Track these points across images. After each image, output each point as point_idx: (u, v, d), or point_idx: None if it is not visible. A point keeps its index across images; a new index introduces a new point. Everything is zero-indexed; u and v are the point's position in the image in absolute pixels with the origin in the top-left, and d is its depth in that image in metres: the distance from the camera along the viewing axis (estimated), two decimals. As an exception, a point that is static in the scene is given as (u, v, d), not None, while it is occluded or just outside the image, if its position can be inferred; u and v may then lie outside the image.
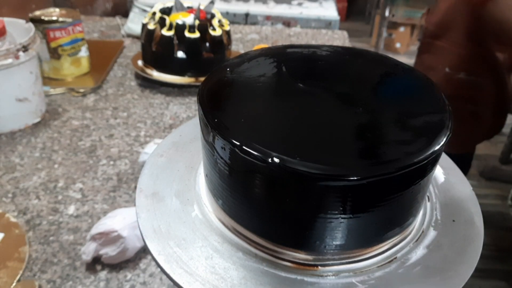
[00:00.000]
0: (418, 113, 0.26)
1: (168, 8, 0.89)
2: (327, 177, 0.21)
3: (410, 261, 0.25)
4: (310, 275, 0.24)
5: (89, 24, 1.16)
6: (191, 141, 0.34)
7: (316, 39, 1.18)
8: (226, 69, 0.29)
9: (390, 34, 2.82)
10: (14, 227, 0.53)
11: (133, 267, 0.49)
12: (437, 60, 0.97)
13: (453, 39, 0.93)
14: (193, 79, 0.86)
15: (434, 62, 0.98)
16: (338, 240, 0.24)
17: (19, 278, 0.47)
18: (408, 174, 0.22)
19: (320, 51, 0.33)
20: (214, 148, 0.24)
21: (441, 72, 0.96)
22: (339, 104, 0.27)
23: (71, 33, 0.84)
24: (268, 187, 0.23)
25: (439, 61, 0.97)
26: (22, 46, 0.67)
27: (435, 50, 0.98)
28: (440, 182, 0.31)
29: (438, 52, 0.97)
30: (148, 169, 0.31)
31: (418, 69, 0.30)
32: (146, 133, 0.74)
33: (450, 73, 0.95)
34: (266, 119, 0.26)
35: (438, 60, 0.97)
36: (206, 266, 0.24)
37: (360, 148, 0.23)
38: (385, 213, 0.24)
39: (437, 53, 0.98)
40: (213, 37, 0.84)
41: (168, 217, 0.28)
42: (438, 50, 0.97)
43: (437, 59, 0.97)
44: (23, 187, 0.60)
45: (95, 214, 0.56)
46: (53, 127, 0.74)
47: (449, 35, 0.93)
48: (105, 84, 0.88)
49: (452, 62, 0.94)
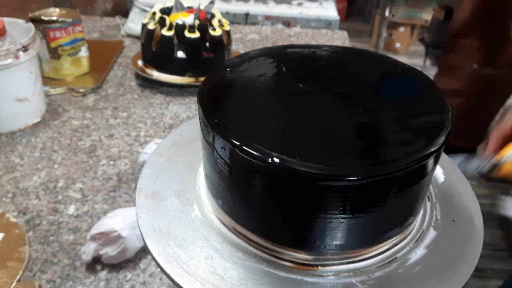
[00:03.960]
0: (418, 113, 0.26)
1: (168, 8, 0.89)
2: (327, 177, 0.21)
3: (410, 261, 0.25)
4: (310, 275, 0.24)
5: (89, 24, 1.16)
6: (191, 141, 0.34)
7: (316, 39, 1.18)
8: (226, 69, 0.29)
9: (390, 34, 2.82)
10: (14, 227, 0.53)
11: (133, 267, 0.49)
12: (464, 58, 1.00)
13: (480, 36, 0.95)
14: (193, 79, 0.86)
15: (460, 60, 1.01)
16: (338, 240, 0.24)
17: (19, 278, 0.47)
18: (408, 174, 0.22)
19: (320, 51, 0.33)
20: (214, 148, 0.24)
21: (468, 69, 0.99)
22: (339, 104, 0.27)
23: (71, 33, 0.84)
24: (268, 187, 0.23)
25: (466, 59, 0.99)
26: (22, 46, 0.67)
27: (462, 49, 1.00)
28: (440, 182, 0.31)
29: (465, 50, 0.99)
30: (148, 169, 0.31)
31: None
32: (146, 133, 0.74)
33: (477, 69, 0.97)
34: (266, 119, 0.26)
35: (465, 57, 1.00)
36: (206, 266, 0.24)
37: (360, 148, 0.24)
38: (385, 213, 0.24)
39: (464, 51, 1.00)
40: (213, 37, 0.84)
41: (168, 217, 0.28)
42: (465, 48, 0.99)
43: (464, 57, 1.00)
44: (23, 187, 0.60)
45: (95, 214, 0.56)
46: (53, 127, 0.74)
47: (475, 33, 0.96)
48: (105, 84, 0.88)
49: (479, 58, 0.97)
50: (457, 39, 1.01)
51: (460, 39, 0.99)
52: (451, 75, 1.02)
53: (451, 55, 1.04)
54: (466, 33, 0.97)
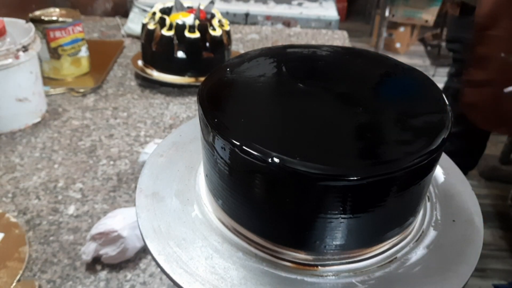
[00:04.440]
0: (418, 113, 0.26)
1: (168, 8, 0.89)
2: (327, 177, 0.21)
3: (410, 261, 0.25)
4: (310, 275, 0.24)
5: (89, 24, 1.16)
6: (191, 141, 0.34)
7: (316, 39, 1.18)
8: (226, 69, 0.29)
9: (390, 34, 2.82)
10: (14, 227, 0.53)
11: (133, 267, 0.49)
12: (491, 49, 1.03)
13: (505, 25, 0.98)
14: (193, 79, 0.86)
15: (488, 51, 1.04)
16: (338, 240, 0.24)
17: (19, 278, 0.47)
18: (408, 174, 0.22)
19: (320, 51, 0.33)
20: (214, 148, 0.24)
21: (497, 58, 1.01)
22: (339, 104, 0.27)
23: (71, 33, 0.84)
24: (268, 187, 0.23)
25: (493, 49, 1.02)
26: (22, 46, 0.67)
27: (488, 40, 1.03)
28: (440, 182, 0.31)
29: (492, 41, 1.02)
30: (148, 169, 0.31)
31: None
32: (146, 133, 0.74)
33: (505, 58, 0.99)
34: (266, 119, 0.26)
35: (491, 48, 1.02)
36: (206, 266, 0.24)
37: (360, 148, 0.23)
38: (385, 213, 0.24)
39: (490, 43, 1.03)
40: (213, 37, 0.84)
41: (168, 217, 0.28)
42: (490, 40, 1.02)
43: (491, 47, 1.03)
44: (23, 187, 0.60)
45: (95, 214, 0.56)
46: (53, 127, 0.74)
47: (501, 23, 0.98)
48: (105, 84, 0.88)
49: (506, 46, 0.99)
50: (482, 31, 1.04)
51: (486, 31, 1.03)
52: (480, 67, 1.05)
53: (478, 48, 1.08)
54: (491, 25, 1.01)
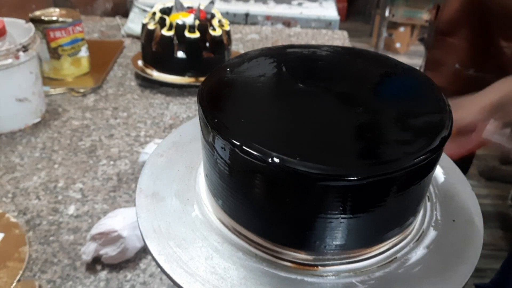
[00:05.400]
0: (418, 113, 0.26)
1: (168, 8, 0.89)
2: (327, 177, 0.21)
3: (410, 261, 0.25)
4: (310, 275, 0.24)
5: (89, 24, 1.16)
6: (191, 141, 0.34)
7: (316, 39, 1.18)
8: (226, 69, 0.29)
9: (390, 34, 2.82)
10: (14, 227, 0.53)
11: (133, 267, 0.49)
12: (447, 57, 1.00)
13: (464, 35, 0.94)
14: (193, 79, 0.86)
15: (444, 58, 1.01)
16: (338, 240, 0.24)
17: (19, 278, 0.47)
18: (408, 174, 0.22)
19: (320, 51, 0.33)
20: (214, 148, 0.24)
21: (451, 68, 0.98)
22: (339, 104, 0.27)
23: (71, 33, 0.84)
24: (268, 187, 0.23)
25: (449, 57, 0.99)
26: (22, 46, 0.67)
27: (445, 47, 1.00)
28: (440, 182, 0.31)
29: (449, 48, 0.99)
30: (148, 169, 0.31)
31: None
32: (146, 133, 0.74)
33: (459, 69, 0.96)
34: (266, 119, 0.26)
35: (448, 56, 0.99)
36: (206, 266, 0.24)
37: (360, 148, 0.24)
38: (385, 213, 0.24)
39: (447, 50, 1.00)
40: (213, 37, 0.84)
41: (168, 217, 0.28)
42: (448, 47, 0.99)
43: (447, 55, 1.00)
44: (23, 187, 0.60)
45: (95, 214, 0.56)
46: (53, 127, 0.74)
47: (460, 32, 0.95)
48: (105, 84, 0.88)
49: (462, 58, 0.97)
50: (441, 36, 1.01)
51: (444, 37, 1.00)
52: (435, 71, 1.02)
53: (434, 52, 1.04)
54: (450, 32, 0.98)
